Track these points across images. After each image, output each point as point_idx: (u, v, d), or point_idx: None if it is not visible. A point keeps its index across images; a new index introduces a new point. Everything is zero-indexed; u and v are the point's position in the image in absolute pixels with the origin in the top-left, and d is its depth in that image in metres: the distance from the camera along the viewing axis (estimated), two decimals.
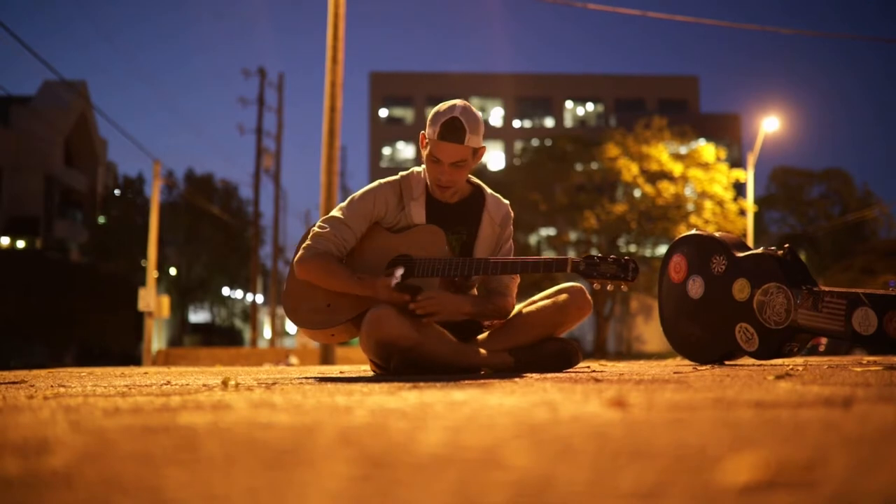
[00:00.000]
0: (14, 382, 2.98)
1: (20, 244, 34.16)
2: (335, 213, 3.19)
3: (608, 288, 3.01)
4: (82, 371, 4.51)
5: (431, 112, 3.12)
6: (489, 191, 3.32)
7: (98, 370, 4.72)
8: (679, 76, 49.51)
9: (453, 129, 3.01)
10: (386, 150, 47.64)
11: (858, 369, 2.73)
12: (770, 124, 23.53)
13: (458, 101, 3.12)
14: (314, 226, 3.19)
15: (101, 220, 38.11)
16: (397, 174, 3.28)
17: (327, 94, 11.77)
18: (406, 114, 47.69)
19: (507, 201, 3.36)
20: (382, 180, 3.27)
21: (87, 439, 1.10)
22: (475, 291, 3.38)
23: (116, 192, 39.60)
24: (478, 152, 3.11)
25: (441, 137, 3.02)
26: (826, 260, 35.22)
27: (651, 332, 36.72)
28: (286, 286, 3.26)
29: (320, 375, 3.28)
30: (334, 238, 3.11)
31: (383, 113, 48.06)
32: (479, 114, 3.13)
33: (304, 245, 3.14)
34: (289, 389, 2.14)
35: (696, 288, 3.92)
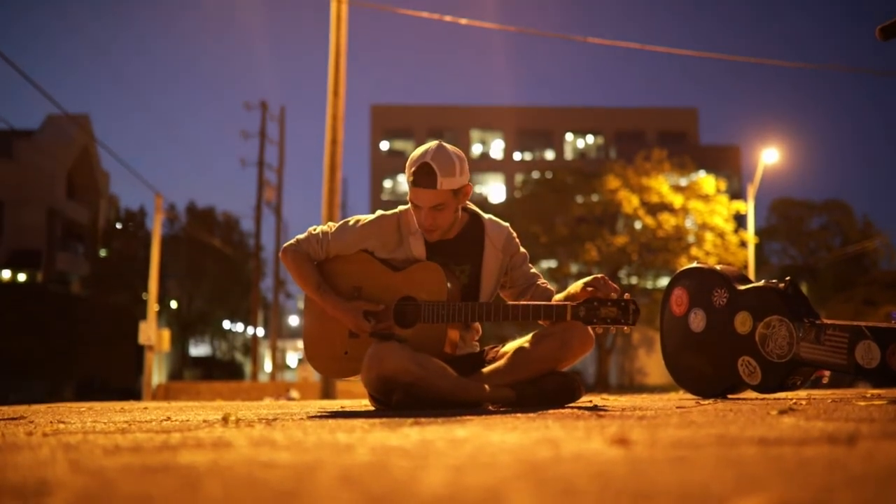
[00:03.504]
0: (13, 418, 2.96)
1: (21, 277, 34.16)
2: (330, 228, 3.31)
3: (611, 331, 3.03)
4: (82, 406, 4.49)
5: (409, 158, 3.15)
6: (486, 216, 3.34)
7: (97, 405, 4.69)
8: (678, 108, 49.78)
9: (424, 174, 3.03)
10: (387, 183, 47.80)
11: (862, 403, 2.71)
12: (769, 156, 23.62)
13: (432, 144, 3.12)
14: (313, 227, 3.35)
15: (103, 252, 38.15)
16: (397, 208, 3.30)
17: (328, 127, 11.85)
18: (407, 146, 47.91)
19: (505, 223, 3.37)
20: (382, 212, 3.30)
21: (87, 480, 1.09)
22: (478, 328, 3.38)
23: (118, 224, 39.69)
24: (460, 192, 3.11)
25: (414, 184, 3.07)
26: (827, 291, 35.16)
27: (653, 365, 36.56)
28: (304, 331, 3.38)
29: (321, 411, 3.27)
30: (317, 245, 3.28)
31: (384, 145, 48.31)
32: (456, 153, 3.11)
33: (297, 237, 3.34)
34: (290, 425, 2.13)
35: (697, 321, 3.92)
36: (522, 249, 3.37)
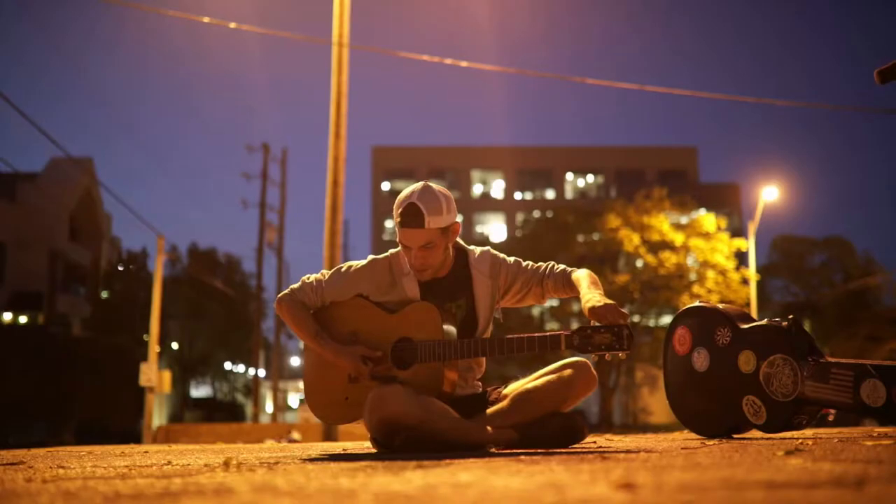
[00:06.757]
0: (12, 463, 2.94)
1: (22, 319, 34.12)
2: (324, 275, 3.32)
3: (606, 358, 2.94)
4: (81, 450, 4.45)
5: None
6: (469, 247, 3.34)
7: (98, 449, 4.65)
8: (678, 147, 50.08)
9: (411, 214, 3.05)
10: (388, 224, 47.96)
11: (869, 443, 2.69)
12: (769, 193, 23.73)
13: (417, 185, 3.14)
14: (306, 276, 3.36)
15: (104, 294, 38.13)
16: (387, 251, 3.31)
17: (330, 169, 11.92)
18: (408, 187, 48.11)
19: (486, 247, 3.36)
20: (373, 257, 3.32)
21: None
22: (482, 363, 3.36)
23: (120, 266, 39.72)
24: (448, 230, 3.11)
25: (402, 225, 3.08)
26: (831, 328, 35.04)
27: (657, 403, 36.31)
28: (304, 379, 3.38)
29: (323, 454, 3.24)
30: (311, 294, 3.29)
31: (385, 186, 48.53)
32: (442, 192, 3.12)
33: (291, 287, 3.36)
34: (291, 469, 2.11)
35: (701, 360, 3.90)
36: (510, 259, 3.35)
